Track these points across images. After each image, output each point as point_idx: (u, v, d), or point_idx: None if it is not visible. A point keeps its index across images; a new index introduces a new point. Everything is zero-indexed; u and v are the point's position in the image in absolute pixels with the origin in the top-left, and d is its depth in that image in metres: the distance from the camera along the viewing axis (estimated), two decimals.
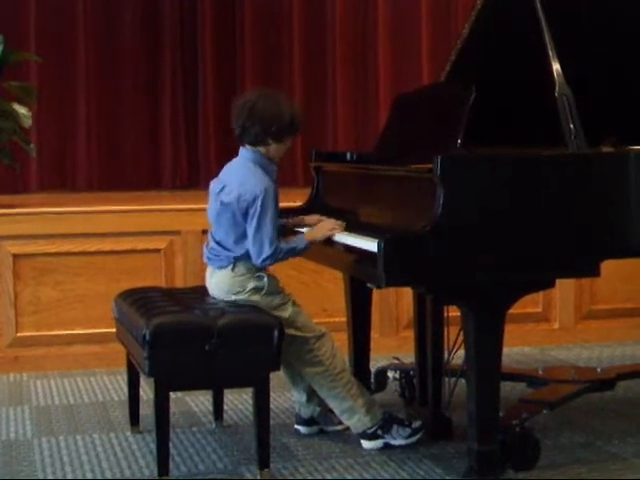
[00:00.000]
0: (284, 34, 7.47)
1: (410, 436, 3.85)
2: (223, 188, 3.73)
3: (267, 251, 3.62)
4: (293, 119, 3.70)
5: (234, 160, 3.82)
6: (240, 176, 3.70)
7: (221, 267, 3.75)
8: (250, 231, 3.63)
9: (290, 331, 3.68)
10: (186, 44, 7.31)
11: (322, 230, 3.77)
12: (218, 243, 3.76)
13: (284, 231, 3.88)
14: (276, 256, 3.64)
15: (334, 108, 7.51)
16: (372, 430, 3.83)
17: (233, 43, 7.40)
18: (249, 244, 3.65)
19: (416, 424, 3.88)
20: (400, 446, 3.83)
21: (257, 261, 3.65)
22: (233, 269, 3.72)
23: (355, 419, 3.83)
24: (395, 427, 3.85)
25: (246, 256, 3.69)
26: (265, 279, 3.72)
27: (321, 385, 3.82)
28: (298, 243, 3.73)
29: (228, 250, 3.72)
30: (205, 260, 3.85)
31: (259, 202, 3.60)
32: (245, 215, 3.64)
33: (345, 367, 3.87)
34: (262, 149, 3.72)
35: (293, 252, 3.71)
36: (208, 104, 7.26)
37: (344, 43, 7.50)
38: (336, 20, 7.48)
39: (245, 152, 3.76)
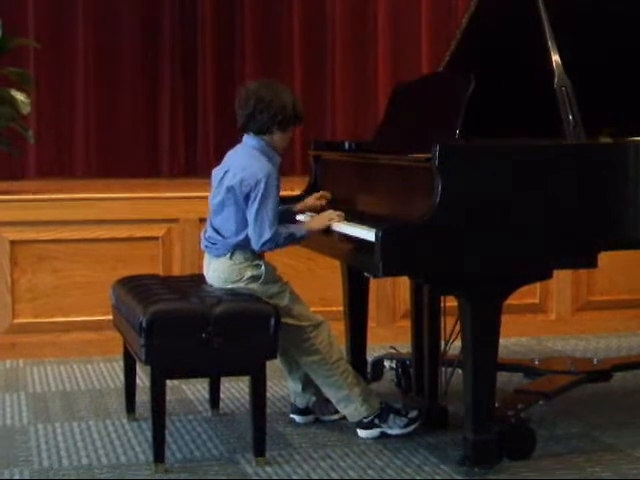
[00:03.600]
0: (284, 23, 7.45)
1: (407, 425, 3.86)
2: (226, 173, 3.74)
3: (267, 234, 3.63)
4: (295, 108, 3.75)
5: (237, 147, 3.84)
6: (243, 161, 3.73)
7: (218, 255, 3.76)
8: (251, 214, 3.64)
9: (287, 320, 3.69)
10: (186, 31, 7.29)
11: (321, 220, 3.78)
12: (217, 231, 3.76)
13: (284, 218, 3.88)
14: (276, 240, 3.65)
15: (333, 97, 7.50)
16: (369, 419, 3.84)
17: (233, 31, 7.38)
18: (249, 228, 3.66)
19: (413, 414, 3.88)
20: (396, 435, 3.84)
21: (257, 244, 3.66)
22: (231, 257, 3.73)
23: (351, 408, 3.83)
24: (392, 416, 3.85)
25: (244, 244, 3.70)
26: (262, 268, 3.73)
27: (317, 374, 3.82)
28: (297, 230, 3.75)
29: (226, 238, 3.73)
30: (203, 248, 3.85)
31: (261, 186, 3.62)
32: (246, 199, 3.65)
33: (341, 356, 3.87)
34: (267, 138, 3.75)
35: (292, 238, 3.72)
36: (207, 92, 7.25)
37: (344, 33, 7.48)
38: (336, 10, 7.46)
39: (249, 140, 3.78)
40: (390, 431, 3.84)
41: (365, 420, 3.84)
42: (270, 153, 3.75)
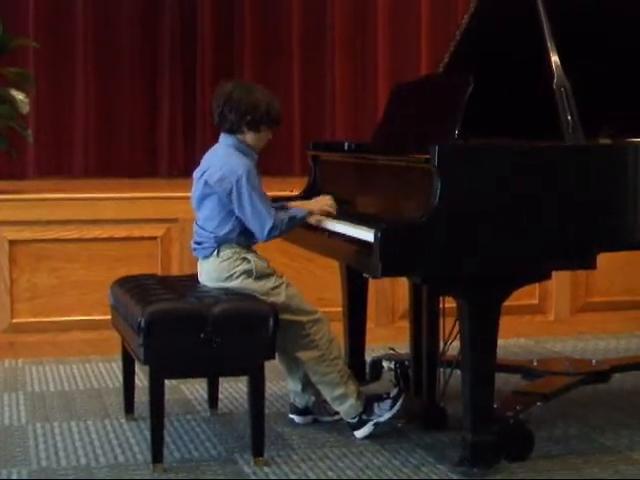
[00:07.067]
0: (283, 24, 7.45)
1: (392, 406, 3.84)
2: (204, 172, 3.77)
3: (269, 223, 3.64)
4: (269, 110, 3.75)
5: (214, 146, 3.88)
6: (221, 159, 3.75)
7: (206, 256, 3.78)
8: (246, 213, 3.66)
9: (286, 316, 3.69)
10: (185, 31, 7.29)
11: (320, 204, 3.86)
12: (201, 228, 3.79)
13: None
14: (279, 226, 3.67)
15: (332, 98, 7.49)
16: (358, 418, 3.84)
17: (232, 31, 7.37)
18: (250, 225, 3.68)
19: (393, 392, 3.88)
20: (389, 419, 3.82)
21: (263, 235, 3.67)
22: (218, 254, 3.74)
23: (347, 405, 3.83)
24: (376, 405, 3.84)
25: (229, 239, 3.72)
26: (252, 262, 3.73)
27: (315, 370, 3.81)
28: (297, 212, 3.78)
29: (210, 232, 3.74)
30: (193, 253, 3.86)
31: (244, 181, 3.64)
32: (229, 196, 3.66)
33: (340, 354, 3.88)
34: (239, 137, 3.77)
35: (294, 220, 3.75)
36: (205, 92, 7.23)
37: (343, 34, 7.48)
38: (335, 10, 7.46)
39: (225, 138, 3.82)
40: (381, 418, 3.83)
41: (353, 420, 3.84)
42: (246, 150, 3.77)
